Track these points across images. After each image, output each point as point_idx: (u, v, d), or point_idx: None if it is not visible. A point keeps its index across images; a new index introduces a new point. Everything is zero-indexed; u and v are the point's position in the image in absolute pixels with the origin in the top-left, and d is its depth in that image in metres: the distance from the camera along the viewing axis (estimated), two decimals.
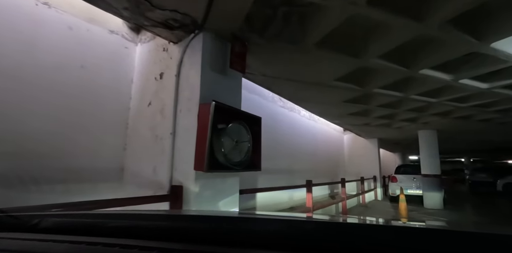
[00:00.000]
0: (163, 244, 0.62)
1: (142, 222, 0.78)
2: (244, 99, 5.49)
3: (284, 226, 0.67)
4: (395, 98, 4.66)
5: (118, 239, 0.66)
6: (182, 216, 0.92)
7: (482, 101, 4.78)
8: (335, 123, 7.48)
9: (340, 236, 0.58)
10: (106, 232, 0.73)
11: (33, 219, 0.83)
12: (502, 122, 6.78)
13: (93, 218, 0.86)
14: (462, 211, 8.16)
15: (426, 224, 1.06)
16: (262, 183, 5.07)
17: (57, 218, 0.86)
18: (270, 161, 5.83)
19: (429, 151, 8.12)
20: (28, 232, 0.77)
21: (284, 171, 6.13)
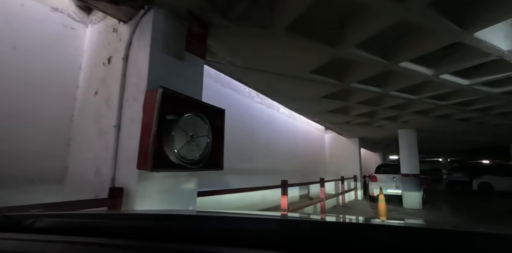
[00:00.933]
0: (159, 244, 0.62)
1: (138, 222, 0.78)
2: (218, 93, 5.14)
3: (278, 225, 0.69)
4: (374, 94, 4.46)
5: (114, 239, 0.66)
6: (178, 216, 0.89)
7: (462, 98, 4.66)
8: (315, 121, 7.26)
9: (336, 236, 0.59)
10: (101, 232, 0.72)
11: (27, 219, 0.82)
12: (480, 122, 6.78)
13: (88, 218, 0.85)
14: (440, 210, 8.17)
15: (421, 223, 1.07)
16: (237, 184, 4.74)
17: (52, 218, 0.84)
18: (245, 160, 5.52)
19: (409, 150, 8.06)
20: (21, 232, 0.76)
21: (261, 171, 5.84)
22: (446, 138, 10.26)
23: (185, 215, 0.90)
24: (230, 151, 5.06)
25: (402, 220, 1.85)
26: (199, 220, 0.82)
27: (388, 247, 0.52)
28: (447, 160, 24.38)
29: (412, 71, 3.42)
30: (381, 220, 1.12)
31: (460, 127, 7.59)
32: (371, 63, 3.20)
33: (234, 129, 5.20)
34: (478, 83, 3.82)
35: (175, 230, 0.69)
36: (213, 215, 0.93)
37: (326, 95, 4.51)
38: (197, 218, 0.88)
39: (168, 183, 2.08)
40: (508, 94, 4.37)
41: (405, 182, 8.01)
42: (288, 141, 7.46)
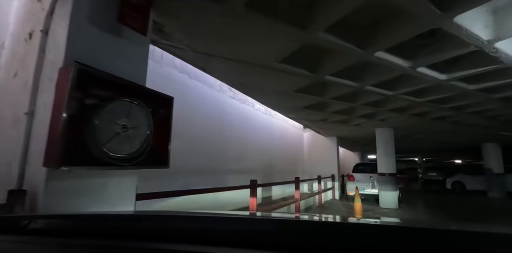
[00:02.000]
0: (154, 244, 0.62)
1: (133, 223, 0.78)
2: (184, 85, 4.71)
3: (276, 226, 0.69)
4: (350, 89, 4.23)
5: (109, 240, 0.65)
6: (174, 217, 0.86)
7: (439, 95, 4.52)
8: (291, 118, 6.99)
9: (332, 236, 0.59)
10: (97, 233, 0.71)
11: (21, 220, 0.81)
12: (454, 121, 6.76)
13: (84, 220, 0.84)
14: (415, 210, 8.15)
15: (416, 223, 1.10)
16: (204, 185, 4.37)
17: (47, 219, 0.83)
18: (214, 158, 5.15)
19: (386, 149, 7.98)
20: (16, 234, 0.76)
21: (233, 170, 5.49)
22: (422, 137, 10.33)
23: (179, 216, 0.89)
24: (195, 148, 4.71)
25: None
26: (194, 221, 0.81)
27: (384, 247, 0.53)
28: (423, 159, 24.99)
29: (388, 63, 3.18)
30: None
31: (435, 127, 7.57)
32: (345, 51, 2.93)
33: (202, 124, 4.83)
34: (455, 78, 3.66)
35: (170, 230, 0.69)
36: (209, 216, 0.91)
37: (300, 89, 4.22)
38: (192, 219, 0.86)
39: (92, 184, 1.69)
40: (483, 92, 4.26)
41: (382, 181, 7.92)
42: (264, 139, 7.16)
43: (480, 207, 8.74)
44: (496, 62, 3.15)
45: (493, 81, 3.86)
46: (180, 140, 4.32)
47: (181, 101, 4.45)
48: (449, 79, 3.70)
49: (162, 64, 3.99)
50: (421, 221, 6.35)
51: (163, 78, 4.04)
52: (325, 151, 10.15)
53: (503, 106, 5.15)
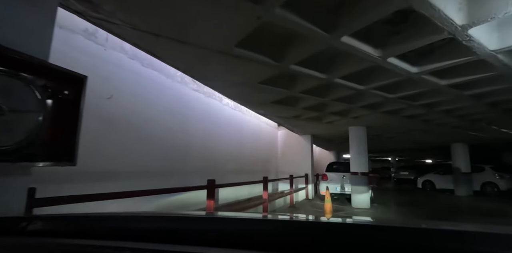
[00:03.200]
0: (154, 245, 0.62)
1: (134, 224, 0.78)
2: (137, 74, 4.11)
3: (276, 226, 0.70)
4: (319, 82, 3.93)
5: (109, 241, 0.65)
6: (173, 218, 0.86)
7: (410, 91, 4.34)
8: (261, 114, 6.65)
9: (333, 236, 0.60)
10: (97, 234, 0.71)
11: (21, 222, 0.81)
12: (425, 120, 6.71)
13: (83, 220, 0.85)
14: (387, 209, 8.07)
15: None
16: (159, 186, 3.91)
17: (46, 220, 0.83)
18: (176, 159, 4.70)
19: (358, 148, 7.85)
20: (16, 235, 0.76)
21: (198, 170, 5.05)
22: (394, 137, 10.37)
23: (178, 216, 0.88)
24: (153, 147, 4.22)
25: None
26: (193, 221, 0.81)
27: (379, 246, 0.54)
28: (396, 159, 25.66)
29: (357, 51, 2.89)
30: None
31: (407, 125, 7.53)
32: (309, 35, 2.60)
33: (160, 120, 4.36)
34: (427, 71, 3.45)
35: (170, 231, 0.69)
36: (208, 217, 0.94)
37: (265, 81, 3.87)
38: (191, 219, 0.85)
39: None
40: (454, 88, 4.12)
41: (354, 180, 7.78)
42: (233, 137, 6.76)
43: (448, 206, 8.85)
44: (469, 53, 2.95)
45: (464, 76, 3.71)
46: (132, 137, 3.84)
47: (132, 91, 3.96)
48: (421, 73, 3.49)
49: (108, 47, 3.49)
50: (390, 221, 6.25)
51: (110, 64, 3.55)
52: (299, 150, 9.91)
53: (472, 104, 5.08)
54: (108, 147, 3.44)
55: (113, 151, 3.49)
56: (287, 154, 10.12)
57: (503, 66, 3.24)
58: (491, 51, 2.84)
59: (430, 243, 0.52)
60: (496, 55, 2.94)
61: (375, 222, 0.89)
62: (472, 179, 11.39)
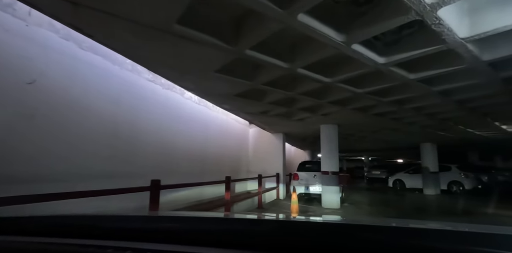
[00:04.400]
0: (156, 245, 0.62)
1: (135, 224, 0.79)
2: (72, 58, 3.42)
3: (277, 227, 0.72)
4: (282, 72, 3.58)
5: (111, 241, 0.65)
6: (174, 218, 0.89)
7: (379, 85, 4.10)
8: (226, 109, 6.21)
9: (334, 237, 0.60)
10: (98, 234, 0.72)
11: (23, 221, 0.82)
12: (395, 118, 6.59)
13: (85, 220, 0.85)
14: (357, 210, 7.93)
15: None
16: None
17: (49, 220, 0.84)
18: (125, 159, 4.17)
19: (329, 146, 7.63)
20: (18, 235, 0.75)
21: (153, 171, 4.52)
22: (366, 136, 10.33)
23: (180, 216, 0.89)
24: (87, 142, 3.66)
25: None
26: (195, 221, 0.82)
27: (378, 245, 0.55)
28: (369, 159, 26.16)
29: (318, 34, 2.55)
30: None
31: (377, 124, 7.42)
32: (264, 12, 2.22)
33: (105, 115, 3.83)
34: (395, 61, 3.19)
35: (171, 231, 0.70)
36: (209, 217, 0.95)
37: (222, 69, 3.46)
38: (193, 219, 0.87)
39: None
40: (423, 83, 3.92)
41: (324, 180, 7.55)
42: (197, 134, 6.29)
43: (416, 205, 8.90)
44: (438, 42, 2.70)
45: (432, 70, 3.50)
46: (65, 132, 3.28)
47: (66, 77, 3.37)
48: (389, 63, 3.22)
49: (31, 23, 2.93)
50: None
51: (34, 43, 2.98)
52: (271, 149, 9.59)
53: (441, 101, 4.95)
54: (30, 144, 2.88)
55: (36, 150, 2.93)
56: (258, 153, 9.77)
57: (472, 58, 3.04)
58: (461, 40, 2.61)
59: (430, 243, 0.53)
60: (466, 45, 2.72)
61: (374, 222, 0.89)
62: (439, 178, 11.63)
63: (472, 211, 7.55)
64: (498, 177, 15.23)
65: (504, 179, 15.45)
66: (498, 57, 3.00)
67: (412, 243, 0.54)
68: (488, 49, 2.98)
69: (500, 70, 3.48)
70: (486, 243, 0.52)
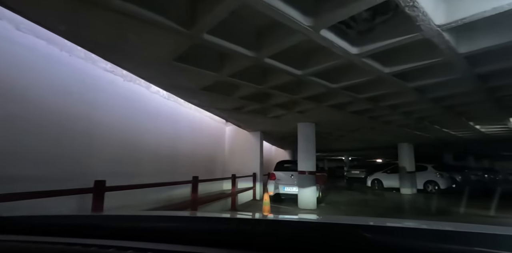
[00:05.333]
0: (158, 245, 0.63)
1: (137, 223, 0.78)
2: (5, 40, 3.00)
3: (278, 227, 0.72)
4: (249, 62, 3.27)
5: (113, 241, 0.66)
6: (177, 218, 0.89)
7: (354, 80, 3.88)
8: (196, 105, 5.83)
9: (339, 237, 0.60)
10: (101, 233, 0.72)
11: (25, 220, 0.83)
12: (372, 117, 6.46)
13: (88, 220, 0.87)
14: (333, 210, 7.77)
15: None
16: None
17: (51, 219, 0.84)
18: (73, 161, 3.73)
19: (307, 145, 7.41)
20: (20, 234, 0.75)
21: (108, 174, 4.07)
22: (345, 135, 10.24)
23: (182, 216, 0.91)
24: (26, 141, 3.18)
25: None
26: (197, 221, 0.84)
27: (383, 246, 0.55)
28: (349, 158, 26.41)
29: (282, 17, 2.26)
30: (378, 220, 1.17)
31: (355, 123, 7.28)
32: None
33: (44, 106, 3.38)
34: (368, 52, 2.95)
35: (174, 231, 0.70)
36: (211, 216, 0.97)
37: (181, 57, 3.11)
38: (195, 219, 0.90)
39: None
40: (398, 78, 3.73)
41: (301, 180, 7.33)
42: (166, 132, 5.88)
43: (393, 205, 8.87)
44: (413, 29, 2.48)
45: (407, 63, 3.30)
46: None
47: None
48: (362, 54, 2.99)
49: None
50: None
51: None
52: (248, 148, 9.27)
53: (416, 99, 4.82)
54: None
55: None
56: (235, 152, 9.42)
57: (448, 50, 2.86)
58: (437, 27, 2.40)
59: (430, 243, 0.52)
60: (442, 34, 2.52)
61: (369, 222, 0.89)
62: (416, 178, 11.74)
63: (447, 210, 7.56)
64: (471, 177, 15.67)
65: (476, 179, 15.93)
66: (474, 50, 2.83)
67: (410, 243, 0.54)
68: (465, 41, 2.81)
69: (476, 65, 3.33)
70: (486, 243, 0.53)
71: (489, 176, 17.75)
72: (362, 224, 0.79)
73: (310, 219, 0.97)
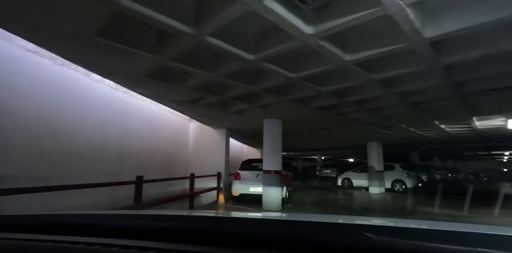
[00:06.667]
0: (161, 244, 0.63)
1: (141, 222, 0.80)
2: None
3: (282, 227, 0.72)
4: (190, 42, 2.77)
5: (117, 240, 0.66)
6: (180, 217, 0.90)
7: (312, 69, 3.50)
8: (144, 95, 5.19)
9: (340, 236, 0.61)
10: (105, 232, 0.72)
11: (30, 219, 0.83)
12: (339, 113, 6.18)
13: (92, 219, 0.86)
14: (299, 211, 7.45)
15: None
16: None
17: (56, 218, 0.84)
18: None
19: (272, 143, 7.01)
20: (24, 232, 0.75)
21: (28, 176, 3.40)
22: (315, 133, 10.01)
23: (185, 215, 0.93)
24: None
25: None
26: (200, 221, 0.84)
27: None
28: (322, 158, 26.55)
29: None
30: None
31: (323, 120, 6.98)
32: None
33: None
34: (325, 32, 2.55)
35: (177, 230, 0.70)
36: (214, 216, 1.01)
37: (103, 31, 2.54)
38: (198, 219, 0.91)
39: None
40: (360, 67, 3.39)
41: (266, 179, 6.92)
42: (113, 126, 5.22)
43: (360, 204, 8.74)
44: (373, 3, 2.11)
45: (370, 49, 2.95)
46: None
47: None
48: (318, 35, 2.59)
49: None
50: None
51: None
52: (214, 146, 8.74)
53: (382, 93, 4.56)
54: None
55: None
56: (200, 151, 8.86)
57: (413, 33, 2.53)
58: (399, 0, 2.04)
59: (431, 243, 0.52)
60: (405, 10, 2.17)
61: (379, 223, 0.90)
62: (384, 177, 11.79)
63: (413, 210, 7.51)
64: (436, 176, 16.18)
65: (441, 178, 16.48)
66: (441, 34, 2.52)
67: (408, 243, 0.54)
68: (431, 23, 2.49)
69: (442, 54, 3.06)
70: (491, 244, 0.53)
71: (452, 175, 18.48)
72: (364, 224, 0.83)
73: (312, 219, 0.96)
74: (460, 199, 7.22)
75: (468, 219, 6.01)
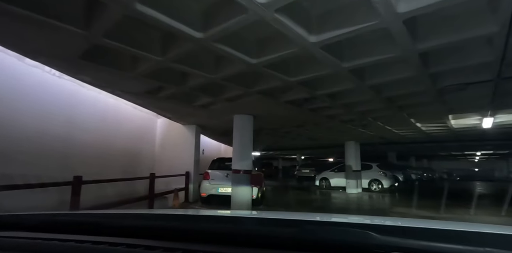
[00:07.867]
0: (167, 243, 0.63)
1: (147, 221, 0.80)
2: None
3: (288, 226, 0.71)
4: (119, 13, 2.25)
5: (123, 239, 0.66)
6: (186, 216, 0.91)
7: (274, 54, 3.06)
8: (88, 83, 4.45)
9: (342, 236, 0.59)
10: (111, 231, 0.73)
11: (37, 218, 0.83)
12: (313, 109, 5.81)
13: (98, 218, 0.89)
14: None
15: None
16: None
17: (62, 217, 0.86)
18: None
19: (242, 140, 6.56)
20: (32, 231, 0.75)
21: None
22: (291, 131, 9.65)
23: (192, 215, 0.93)
24: None
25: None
26: (205, 220, 0.85)
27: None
28: (301, 157, 26.39)
29: None
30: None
31: (297, 116, 6.59)
32: None
33: None
34: (282, 2, 2.11)
35: (183, 229, 0.70)
36: (219, 215, 1.01)
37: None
38: (204, 218, 0.91)
39: None
40: (329, 53, 2.99)
41: (235, 179, 6.45)
42: (56, 120, 4.58)
43: (336, 205, 8.46)
44: None
45: (337, 28, 2.54)
46: None
47: None
48: (272, 5, 2.14)
49: None
50: None
51: None
52: (182, 143, 8.16)
53: (356, 86, 4.19)
54: None
55: None
56: (167, 149, 8.26)
57: (385, 8, 2.14)
58: None
59: (437, 243, 0.52)
60: None
61: (380, 222, 0.91)
62: (361, 177, 11.62)
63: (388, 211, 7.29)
64: (411, 175, 16.32)
65: (416, 177, 16.65)
66: (416, 8, 2.14)
67: (414, 242, 0.53)
68: None
69: (417, 38, 2.71)
70: (494, 243, 0.52)
71: (427, 175, 18.76)
72: (370, 223, 0.87)
73: (317, 218, 0.94)
74: (434, 198, 7.10)
75: (443, 219, 5.82)
